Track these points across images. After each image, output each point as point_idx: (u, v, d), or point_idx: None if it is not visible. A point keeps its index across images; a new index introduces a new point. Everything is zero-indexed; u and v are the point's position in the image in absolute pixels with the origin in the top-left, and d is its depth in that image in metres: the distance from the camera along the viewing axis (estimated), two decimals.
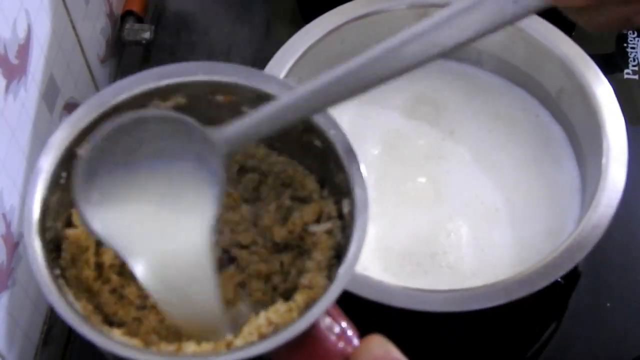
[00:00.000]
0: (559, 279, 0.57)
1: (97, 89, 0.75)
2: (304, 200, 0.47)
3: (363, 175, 0.43)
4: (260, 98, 0.45)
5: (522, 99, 0.72)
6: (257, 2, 0.87)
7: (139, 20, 0.80)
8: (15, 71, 0.57)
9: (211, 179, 0.42)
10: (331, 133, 0.44)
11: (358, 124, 0.70)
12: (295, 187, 0.48)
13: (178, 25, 0.84)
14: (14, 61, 0.56)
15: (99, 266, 0.45)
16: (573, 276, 0.67)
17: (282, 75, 0.65)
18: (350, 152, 0.44)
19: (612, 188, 0.60)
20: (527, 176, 0.68)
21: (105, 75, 0.78)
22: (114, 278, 0.45)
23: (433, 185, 0.67)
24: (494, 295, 0.56)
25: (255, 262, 0.46)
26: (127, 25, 0.80)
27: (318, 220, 0.46)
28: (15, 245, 0.58)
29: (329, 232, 0.45)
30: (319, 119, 0.45)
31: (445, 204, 0.66)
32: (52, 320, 0.66)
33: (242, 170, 0.49)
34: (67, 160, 0.43)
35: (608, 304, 0.66)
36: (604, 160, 0.62)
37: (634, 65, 0.79)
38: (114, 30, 0.80)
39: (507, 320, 0.64)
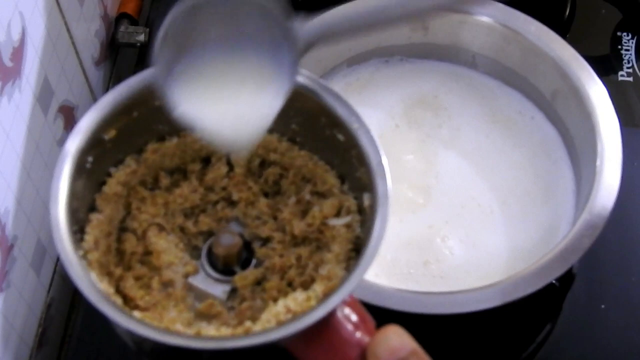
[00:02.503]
0: (554, 281, 0.57)
1: (91, 91, 0.75)
2: (324, 195, 0.47)
3: (385, 169, 0.43)
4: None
5: (517, 101, 0.72)
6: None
7: (134, 22, 0.80)
8: (10, 74, 0.57)
9: (281, 71, 0.41)
10: (354, 127, 0.45)
11: None
12: (315, 182, 0.48)
13: None
14: (9, 64, 0.56)
15: (121, 252, 0.45)
16: (568, 278, 0.67)
17: None
18: (374, 146, 0.44)
19: (607, 190, 0.60)
20: (522, 178, 0.68)
21: (99, 77, 0.78)
22: (137, 267, 0.45)
23: (428, 187, 0.67)
24: (489, 297, 0.56)
25: (273, 255, 0.46)
26: (122, 28, 0.80)
27: (338, 215, 0.46)
28: (9, 247, 0.58)
29: (348, 226, 0.46)
30: (342, 113, 0.45)
31: (440, 206, 0.66)
32: (47, 322, 0.66)
33: (263, 164, 0.49)
34: (93, 146, 0.44)
35: (603, 306, 0.66)
36: (598, 162, 0.62)
37: (628, 67, 0.79)
38: (109, 32, 0.80)
39: (501, 322, 0.64)
